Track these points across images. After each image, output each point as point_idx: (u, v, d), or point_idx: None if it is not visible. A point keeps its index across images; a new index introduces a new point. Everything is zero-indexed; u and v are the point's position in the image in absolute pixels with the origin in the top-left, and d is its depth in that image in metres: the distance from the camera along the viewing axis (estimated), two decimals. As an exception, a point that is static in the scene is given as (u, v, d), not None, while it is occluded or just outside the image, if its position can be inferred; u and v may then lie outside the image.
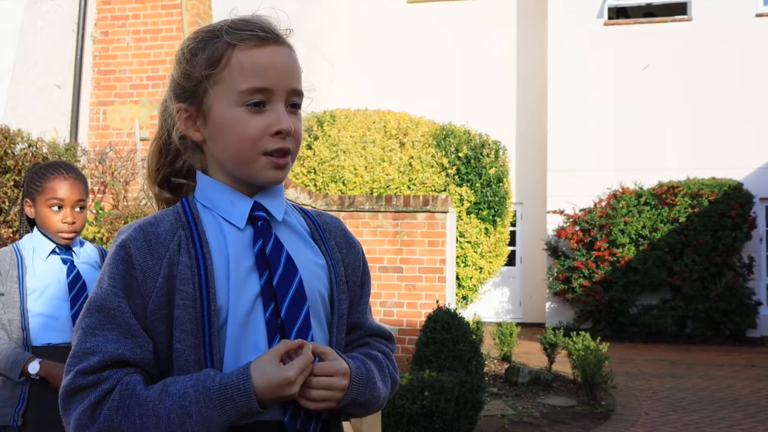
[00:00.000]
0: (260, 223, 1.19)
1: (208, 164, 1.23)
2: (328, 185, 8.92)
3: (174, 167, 1.27)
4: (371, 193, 8.75)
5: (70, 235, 2.37)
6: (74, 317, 2.32)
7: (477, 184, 8.88)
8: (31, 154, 5.16)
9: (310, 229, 1.28)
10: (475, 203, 8.86)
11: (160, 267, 1.12)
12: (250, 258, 1.16)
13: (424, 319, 5.87)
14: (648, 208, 11.87)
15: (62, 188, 2.34)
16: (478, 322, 8.04)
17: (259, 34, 1.16)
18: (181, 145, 1.23)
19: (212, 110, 1.17)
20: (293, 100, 1.19)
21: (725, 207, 11.46)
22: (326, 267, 1.24)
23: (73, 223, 2.36)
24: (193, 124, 1.20)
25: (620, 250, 11.74)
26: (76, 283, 2.36)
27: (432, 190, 8.82)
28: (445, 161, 8.89)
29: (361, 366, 1.20)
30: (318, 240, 1.27)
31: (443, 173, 8.91)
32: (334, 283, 1.24)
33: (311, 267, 1.21)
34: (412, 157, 9.00)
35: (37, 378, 2.23)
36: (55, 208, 2.34)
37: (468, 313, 9.02)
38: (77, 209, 2.38)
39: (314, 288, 1.20)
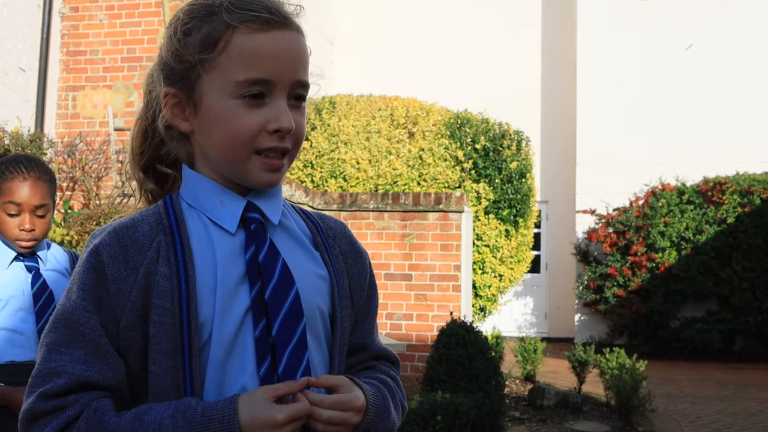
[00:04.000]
0: (253, 226, 1.18)
1: (195, 157, 1.22)
2: (327, 181, 8.93)
3: (160, 152, 1.25)
4: (376, 190, 8.75)
5: (29, 244, 2.35)
6: (40, 332, 2.30)
7: (496, 180, 8.88)
8: (-9, 146, 5.19)
9: (311, 234, 1.27)
10: (494, 202, 8.85)
11: (136, 278, 1.11)
12: (240, 267, 1.15)
13: (436, 333, 5.88)
14: (691, 207, 11.85)
15: (20, 191, 2.31)
16: (497, 337, 8.03)
17: (263, 15, 1.14)
18: (166, 134, 1.22)
19: (204, 99, 1.16)
20: (297, 92, 1.18)
21: (780, 206, 11.43)
22: (328, 278, 1.23)
23: (33, 230, 2.33)
24: (182, 112, 1.19)
25: (660, 255, 11.72)
26: (41, 294, 2.35)
27: (445, 187, 8.82)
28: (460, 154, 8.89)
29: (378, 395, 1.20)
30: (320, 247, 1.26)
31: (458, 167, 8.91)
32: (336, 297, 1.23)
33: (310, 278, 1.20)
34: (423, 149, 9.00)
35: None
36: (12, 212, 2.32)
37: (486, 327, 9.00)
38: (38, 214, 2.34)
39: (313, 302, 1.19)
